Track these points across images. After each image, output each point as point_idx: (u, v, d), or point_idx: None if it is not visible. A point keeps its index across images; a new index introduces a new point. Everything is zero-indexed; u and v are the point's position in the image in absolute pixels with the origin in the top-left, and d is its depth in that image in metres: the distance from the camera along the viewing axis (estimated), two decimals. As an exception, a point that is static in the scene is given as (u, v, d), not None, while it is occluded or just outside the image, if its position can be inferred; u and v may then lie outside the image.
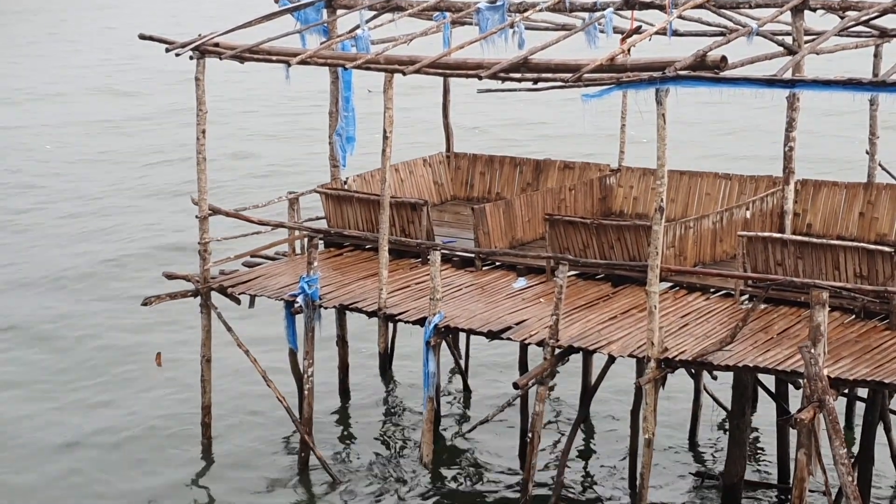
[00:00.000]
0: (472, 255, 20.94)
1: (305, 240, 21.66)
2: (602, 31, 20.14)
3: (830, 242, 18.37)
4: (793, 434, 16.84)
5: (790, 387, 20.27)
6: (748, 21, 19.45)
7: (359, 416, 23.56)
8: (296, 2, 22.24)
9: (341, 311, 21.38)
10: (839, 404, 17.87)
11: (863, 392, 19.32)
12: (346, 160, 22.89)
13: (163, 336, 27.42)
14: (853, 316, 17.77)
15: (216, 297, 21.03)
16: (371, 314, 19.80)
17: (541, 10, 20.46)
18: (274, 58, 20.01)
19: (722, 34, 20.15)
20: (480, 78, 17.45)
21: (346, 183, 23.09)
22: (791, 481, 16.51)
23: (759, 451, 21.60)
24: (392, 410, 23.93)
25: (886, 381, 15.62)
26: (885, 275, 17.56)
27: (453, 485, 20.80)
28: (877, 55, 21.15)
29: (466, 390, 24.30)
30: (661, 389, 17.01)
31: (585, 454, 21.88)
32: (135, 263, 33.61)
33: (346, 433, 22.91)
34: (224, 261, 21.56)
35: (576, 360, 20.19)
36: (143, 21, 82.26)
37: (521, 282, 20.16)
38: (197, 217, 21.15)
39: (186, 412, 23.34)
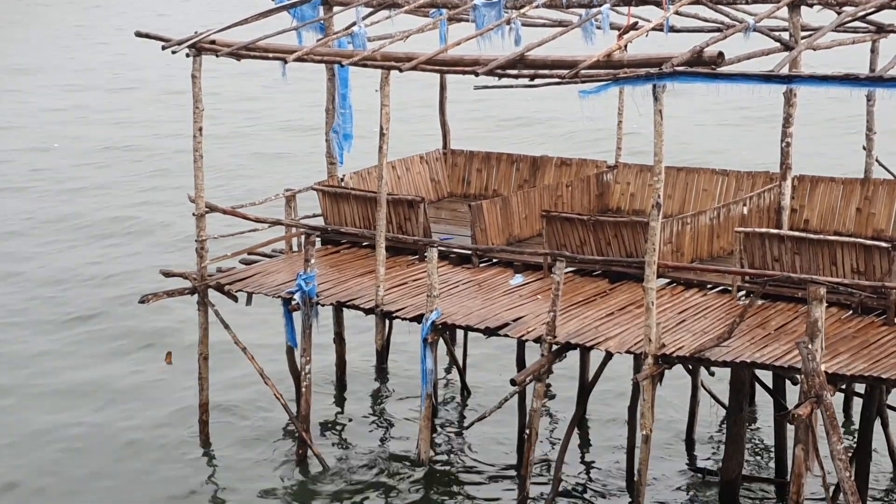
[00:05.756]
0: (469, 252, 20.93)
1: (302, 237, 21.64)
2: (599, 28, 20.13)
3: (828, 238, 18.37)
4: (790, 430, 16.83)
5: (787, 382, 20.27)
6: (745, 17, 19.41)
7: (356, 412, 23.54)
8: (292, -1, 22.23)
9: (338, 308, 21.36)
10: (837, 400, 17.89)
11: (860, 387, 19.30)
12: (344, 157, 22.90)
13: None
14: (850, 311, 17.78)
15: (213, 295, 21.04)
16: (368, 311, 19.81)
17: (537, 7, 20.43)
18: (270, 55, 20.00)
19: (719, 30, 20.14)
20: (477, 74, 17.43)
21: (342, 180, 23.08)
22: (789, 477, 16.50)
23: (756, 447, 21.60)
24: (389, 407, 23.92)
25: (884, 376, 15.63)
26: (882, 270, 17.56)
27: (451, 481, 20.78)
28: (873, 51, 21.17)
29: (464, 387, 24.29)
30: (658, 386, 17.02)
31: (583, 451, 21.89)
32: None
33: (343, 430, 22.90)
34: (221, 258, 21.55)
35: (573, 356, 20.17)
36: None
37: (518, 278, 20.15)
38: (194, 214, 21.14)
39: (183, 410, 23.36)
